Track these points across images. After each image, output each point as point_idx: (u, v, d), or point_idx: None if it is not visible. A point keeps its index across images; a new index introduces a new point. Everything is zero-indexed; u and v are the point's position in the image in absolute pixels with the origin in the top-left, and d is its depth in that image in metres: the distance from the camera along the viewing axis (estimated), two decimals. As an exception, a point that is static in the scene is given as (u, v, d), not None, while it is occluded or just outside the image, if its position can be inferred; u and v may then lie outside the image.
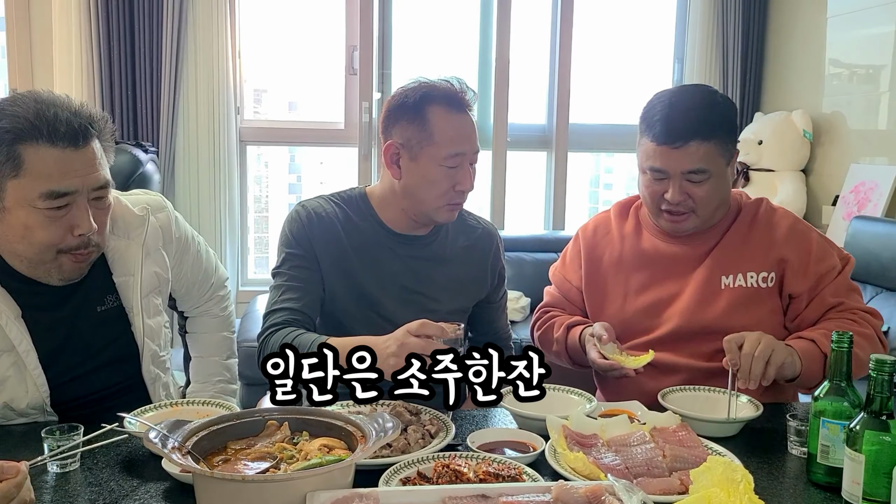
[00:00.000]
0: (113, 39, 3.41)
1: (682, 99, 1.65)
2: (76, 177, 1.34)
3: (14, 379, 1.42)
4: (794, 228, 1.70)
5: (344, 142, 3.92)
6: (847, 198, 3.41)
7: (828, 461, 1.21)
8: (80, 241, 1.37)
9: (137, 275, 1.52)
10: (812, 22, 3.74)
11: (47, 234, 1.34)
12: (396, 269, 1.68)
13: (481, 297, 1.79)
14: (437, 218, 1.65)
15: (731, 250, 1.70)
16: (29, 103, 1.33)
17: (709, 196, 1.63)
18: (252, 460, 1.10)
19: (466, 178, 1.62)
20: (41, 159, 1.31)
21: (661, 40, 4.21)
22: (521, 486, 1.07)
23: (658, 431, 1.32)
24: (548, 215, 4.12)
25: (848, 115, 3.55)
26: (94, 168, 1.37)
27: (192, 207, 3.59)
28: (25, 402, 1.43)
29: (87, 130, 1.36)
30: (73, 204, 1.35)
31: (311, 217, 1.66)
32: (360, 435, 1.12)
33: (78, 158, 1.34)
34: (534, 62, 4.06)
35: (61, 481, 1.19)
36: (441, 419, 1.40)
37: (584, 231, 1.86)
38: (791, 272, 1.66)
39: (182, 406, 1.42)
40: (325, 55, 4.03)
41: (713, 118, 1.62)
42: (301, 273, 1.63)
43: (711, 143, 1.60)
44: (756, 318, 1.63)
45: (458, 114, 1.61)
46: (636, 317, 1.73)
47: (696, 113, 1.61)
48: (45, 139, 1.31)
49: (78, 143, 1.34)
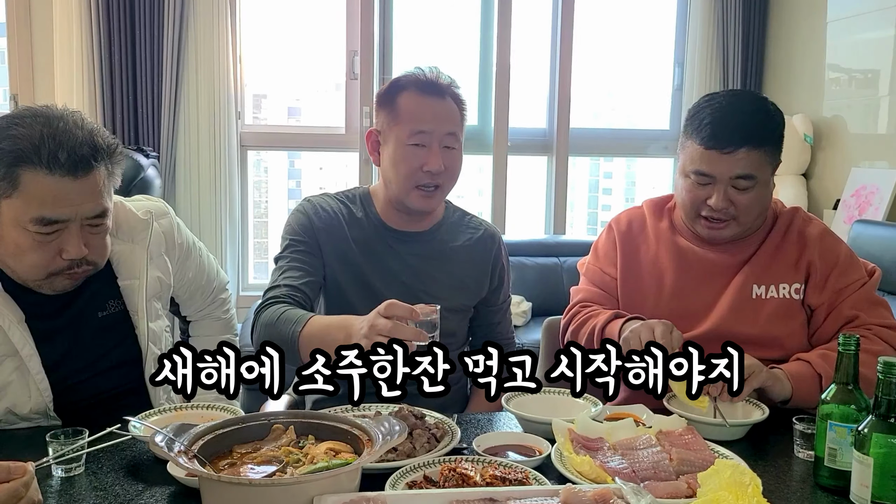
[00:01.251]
0: (114, 44, 3.41)
1: (734, 103, 1.61)
2: (69, 206, 1.33)
3: (17, 384, 1.42)
4: (825, 239, 1.67)
5: (345, 146, 3.92)
6: (848, 202, 3.41)
7: (835, 464, 1.21)
8: (69, 264, 1.37)
9: (143, 278, 1.53)
10: (812, 26, 3.75)
11: (36, 257, 1.35)
12: (397, 266, 1.70)
13: (482, 297, 1.78)
14: (410, 203, 1.66)
15: (764, 260, 1.67)
16: (36, 126, 1.32)
17: (752, 204, 1.61)
18: (258, 464, 1.09)
19: (432, 157, 1.62)
20: (37, 185, 1.31)
21: (662, 45, 4.22)
22: (529, 490, 1.06)
23: (664, 435, 1.31)
24: (548, 220, 4.12)
25: (848, 119, 3.56)
26: (92, 198, 1.36)
27: (193, 212, 3.59)
28: (28, 406, 1.43)
29: (88, 162, 1.34)
30: (64, 230, 1.34)
31: (315, 210, 1.70)
32: (367, 438, 1.12)
33: (75, 188, 1.33)
34: (534, 66, 4.07)
35: (66, 485, 1.19)
36: (446, 423, 1.40)
37: (617, 224, 1.80)
38: (812, 283, 1.65)
39: (186, 410, 1.41)
40: (326, 60, 4.04)
41: (767, 125, 1.59)
42: (303, 257, 1.66)
43: (762, 150, 1.57)
44: (789, 329, 1.63)
45: (427, 96, 1.64)
46: (667, 319, 1.66)
47: (749, 118, 1.58)
48: (43, 166, 1.30)
49: (77, 173, 1.33)
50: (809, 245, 1.66)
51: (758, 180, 1.59)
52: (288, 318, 1.49)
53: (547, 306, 3.39)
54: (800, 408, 1.51)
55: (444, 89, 1.66)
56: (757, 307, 1.65)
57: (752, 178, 1.58)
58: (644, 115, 4.48)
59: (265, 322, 1.54)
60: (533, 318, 3.53)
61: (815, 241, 1.67)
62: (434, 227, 1.76)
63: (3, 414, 1.43)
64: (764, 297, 1.65)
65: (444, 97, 1.66)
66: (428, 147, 1.62)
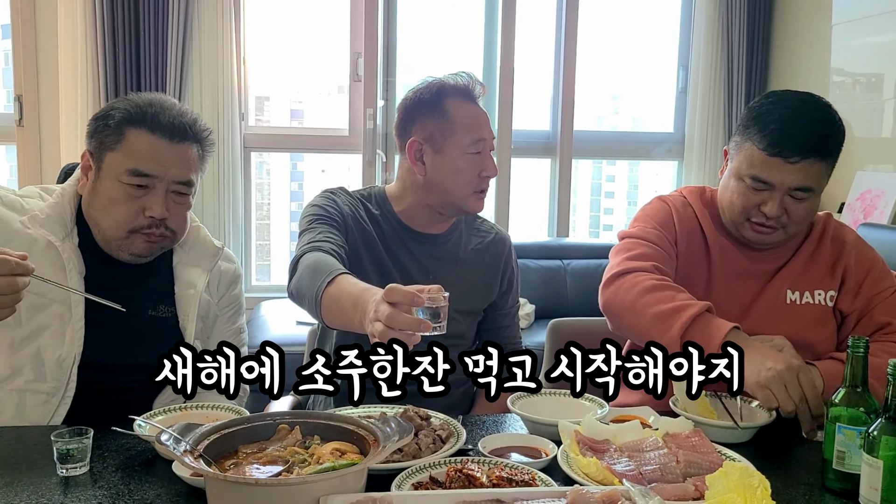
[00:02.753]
0: (118, 46, 3.41)
1: (802, 109, 1.53)
2: (161, 165, 1.50)
3: (55, 328, 1.48)
4: (861, 246, 1.67)
5: (348, 148, 3.92)
6: (853, 205, 3.41)
7: (843, 467, 1.20)
8: (150, 223, 1.50)
9: (199, 289, 1.60)
10: (817, 29, 3.75)
11: (123, 210, 1.49)
12: (411, 265, 1.70)
13: (491, 300, 1.78)
14: (468, 207, 1.68)
15: (800, 266, 1.66)
16: (147, 98, 1.54)
17: (806, 215, 1.58)
18: (263, 464, 1.09)
19: (490, 163, 1.67)
20: (138, 141, 1.49)
21: (666, 48, 4.22)
22: (537, 491, 1.06)
23: (671, 437, 1.30)
24: (552, 222, 4.12)
25: (853, 122, 3.55)
26: (181, 165, 1.52)
27: (197, 213, 3.54)
28: (56, 353, 1.46)
29: (185, 132, 1.53)
30: (152, 188, 1.49)
31: (340, 197, 1.71)
32: (373, 439, 1.11)
33: (169, 151, 1.51)
34: (538, 68, 4.07)
35: (71, 485, 1.18)
36: (452, 424, 1.39)
37: (673, 202, 1.71)
38: (846, 289, 1.63)
39: (191, 410, 1.41)
40: (329, 63, 4.04)
41: (834, 137, 1.53)
42: (332, 227, 1.61)
43: (825, 163, 1.53)
44: (821, 336, 1.61)
45: (472, 104, 1.68)
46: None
47: (817, 128, 1.51)
48: (147, 126, 1.50)
49: (174, 138, 1.51)
50: (846, 250, 1.65)
51: (815, 192, 1.56)
52: (326, 266, 1.41)
53: (550, 309, 3.39)
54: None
55: (478, 96, 1.70)
56: (791, 313, 1.63)
57: (811, 190, 1.54)
58: (648, 118, 4.48)
59: (307, 263, 1.45)
60: (536, 320, 3.53)
61: (852, 246, 1.66)
62: (449, 231, 1.77)
63: (28, 358, 1.46)
64: (799, 303, 1.63)
65: (477, 102, 1.70)
66: (483, 154, 1.66)
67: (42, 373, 1.46)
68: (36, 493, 1.15)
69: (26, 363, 1.46)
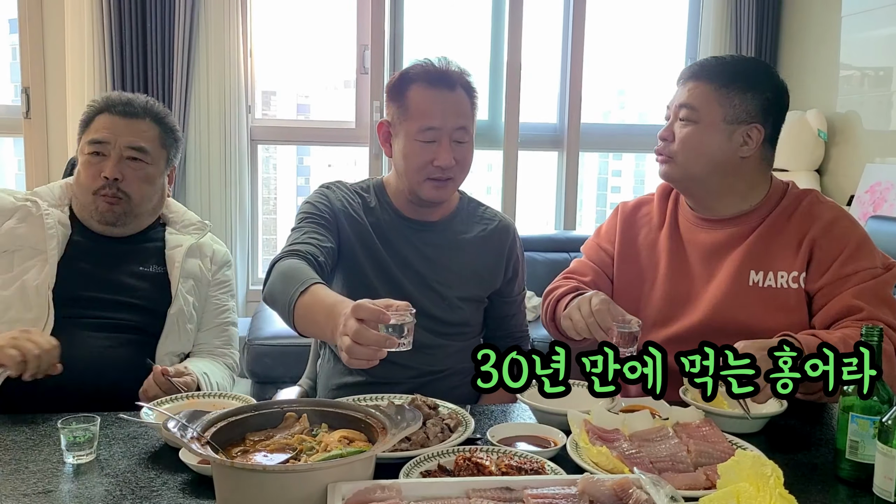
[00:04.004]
0: (125, 39, 3.40)
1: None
2: (112, 133, 1.68)
3: (37, 268, 1.64)
4: (838, 222, 1.57)
5: (355, 141, 3.90)
6: (862, 198, 3.38)
7: (856, 457, 1.18)
8: (104, 183, 1.67)
9: (186, 245, 1.77)
10: (826, 21, 3.72)
11: (85, 176, 1.69)
12: (411, 255, 1.69)
13: (496, 288, 1.77)
14: (422, 194, 1.66)
15: (764, 242, 1.59)
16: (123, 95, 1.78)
17: (687, 139, 1.59)
18: (271, 452, 1.08)
19: (442, 153, 1.60)
20: (98, 121, 1.71)
21: (674, 40, 4.19)
22: (546, 479, 1.05)
23: (681, 427, 1.29)
24: (559, 215, 4.10)
25: (863, 114, 3.52)
26: (132, 133, 1.70)
27: (203, 206, 3.58)
28: (35, 282, 1.62)
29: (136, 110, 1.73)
30: (107, 155, 1.68)
31: (334, 192, 1.72)
32: (381, 427, 1.10)
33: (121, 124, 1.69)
34: (545, 61, 4.04)
35: (78, 472, 1.18)
36: (460, 414, 1.38)
37: (623, 206, 1.80)
38: (814, 266, 1.54)
39: (198, 399, 1.40)
40: (335, 57, 4.03)
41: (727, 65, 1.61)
42: (321, 228, 1.63)
43: (710, 85, 1.59)
44: (788, 322, 1.51)
45: (435, 89, 1.62)
46: (659, 305, 1.66)
47: (709, 60, 1.64)
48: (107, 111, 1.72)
49: (126, 115, 1.71)
50: (815, 225, 1.56)
51: (696, 111, 1.58)
52: (298, 275, 1.41)
53: (557, 302, 3.36)
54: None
55: (454, 80, 1.64)
56: (754, 295, 1.56)
57: (691, 107, 1.59)
58: (655, 111, 4.45)
59: (281, 270, 1.47)
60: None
61: (824, 222, 1.56)
62: (448, 218, 1.75)
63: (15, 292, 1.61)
64: (762, 285, 1.56)
65: (453, 88, 1.63)
66: (438, 142, 1.61)
67: (27, 302, 1.61)
68: (43, 479, 1.15)
69: (14, 297, 1.62)
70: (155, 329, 1.68)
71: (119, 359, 1.60)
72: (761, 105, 1.59)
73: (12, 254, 1.66)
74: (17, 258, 1.66)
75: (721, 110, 1.57)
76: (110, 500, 1.09)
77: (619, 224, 1.77)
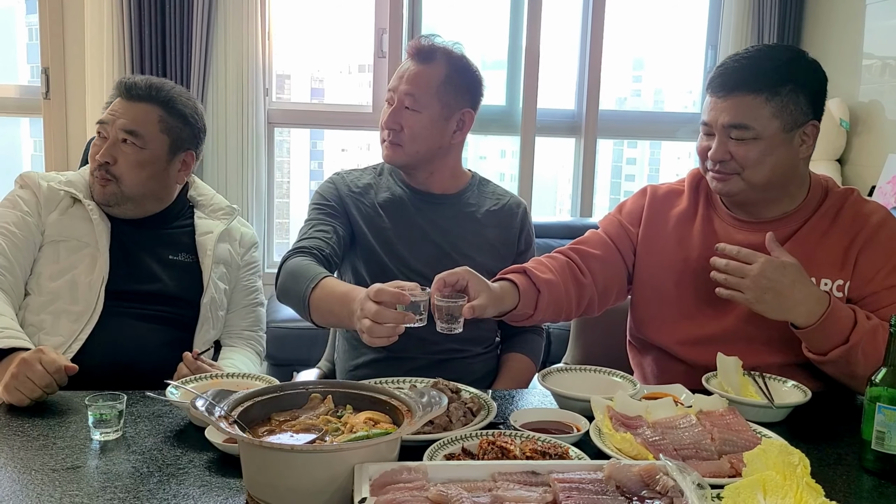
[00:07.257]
0: (144, 20, 3.40)
1: (748, 51, 1.53)
2: (112, 115, 1.70)
3: (87, 263, 1.67)
4: (886, 225, 1.50)
5: (372, 125, 3.88)
6: (884, 188, 3.34)
7: (882, 448, 1.18)
8: (97, 164, 1.69)
9: (216, 232, 1.78)
10: (850, 9, 3.66)
11: (90, 157, 1.72)
12: (427, 226, 1.75)
13: (511, 261, 1.77)
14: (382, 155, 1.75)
15: (808, 247, 1.51)
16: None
17: (754, 158, 1.47)
18: (297, 432, 1.09)
19: (388, 114, 1.70)
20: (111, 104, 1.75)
21: (695, 27, 4.14)
22: (573, 464, 1.05)
23: (705, 415, 1.29)
24: (575, 202, 4.08)
25: (886, 104, 3.47)
26: (129, 116, 1.69)
27: (220, 188, 3.58)
28: (88, 279, 1.64)
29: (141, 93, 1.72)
30: (107, 137, 1.69)
31: (343, 180, 1.79)
32: (406, 409, 1.11)
33: (123, 105, 1.70)
34: (564, 46, 4.01)
35: (104, 449, 1.19)
36: (482, 398, 1.39)
37: (654, 190, 1.71)
38: (859, 273, 1.48)
39: (223, 379, 1.41)
40: (351, 41, 4.01)
41: (770, 72, 1.46)
42: (330, 219, 1.72)
43: (759, 97, 1.45)
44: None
45: (409, 60, 1.72)
46: (689, 301, 1.59)
47: (747, 62, 1.49)
48: (118, 92, 1.73)
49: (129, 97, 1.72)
50: (865, 229, 1.50)
51: (753, 130, 1.46)
52: (307, 273, 1.53)
53: (573, 289, 3.35)
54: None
55: (421, 52, 1.71)
56: None
57: (747, 127, 1.46)
58: (675, 98, 4.40)
59: (288, 270, 1.58)
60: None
61: (873, 226, 1.50)
62: (460, 192, 1.82)
63: (64, 285, 1.64)
64: None
65: (427, 61, 1.70)
66: (389, 103, 1.71)
67: (76, 296, 1.64)
68: (71, 455, 1.16)
69: (63, 289, 1.64)
70: (189, 319, 1.71)
71: (159, 349, 1.64)
72: (811, 100, 1.51)
73: (58, 244, 1.67)
74: (62, 249, 1.67)
75: (779, 122, 1.47)
76: (137, 476, 1.10)
77: (647, 208, 1.68)
